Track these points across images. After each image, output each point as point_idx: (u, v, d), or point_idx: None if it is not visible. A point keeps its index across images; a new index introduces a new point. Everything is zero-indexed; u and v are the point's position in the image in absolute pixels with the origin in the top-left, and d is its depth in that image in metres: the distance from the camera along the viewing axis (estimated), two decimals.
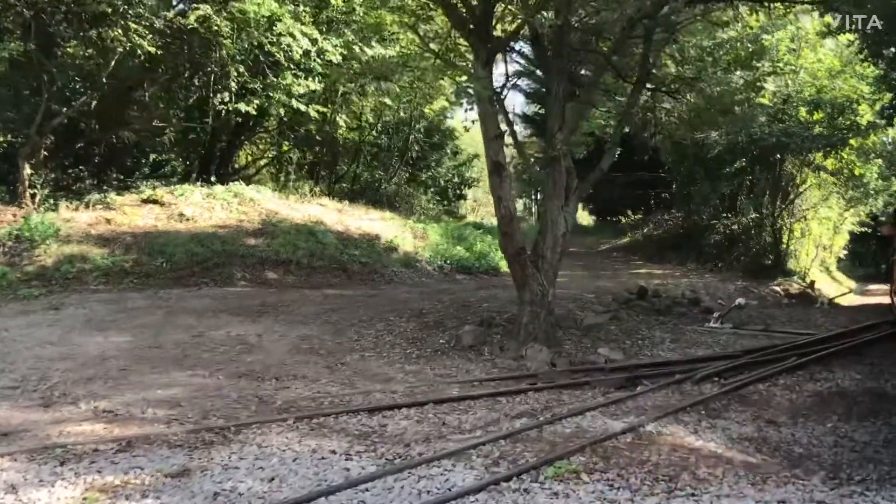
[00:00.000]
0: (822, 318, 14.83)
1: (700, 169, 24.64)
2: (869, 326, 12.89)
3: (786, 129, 20.22)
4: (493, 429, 5.96)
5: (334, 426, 5.90)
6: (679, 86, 12.39)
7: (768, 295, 19.96)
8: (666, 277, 21.23)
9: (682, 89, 12.46)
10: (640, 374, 8.30)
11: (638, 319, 12.79)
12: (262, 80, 15.71)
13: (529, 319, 9.59)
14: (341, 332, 9.81)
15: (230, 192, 16.61)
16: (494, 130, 9.21)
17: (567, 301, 13.56)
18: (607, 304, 13.80)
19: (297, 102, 16.13)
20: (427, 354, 8.87)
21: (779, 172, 22.84)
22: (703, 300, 15.03)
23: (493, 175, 9.29)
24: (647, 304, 14.09)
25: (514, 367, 8.53)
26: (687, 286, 18.47)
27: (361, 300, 12.44)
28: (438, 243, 19.25)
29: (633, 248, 29.64)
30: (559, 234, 9.75)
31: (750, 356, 9.33)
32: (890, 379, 8.46)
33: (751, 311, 15.56)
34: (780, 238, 22.76)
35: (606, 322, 11.96)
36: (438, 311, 11.65)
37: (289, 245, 14.67)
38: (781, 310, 16.97)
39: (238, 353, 8.49)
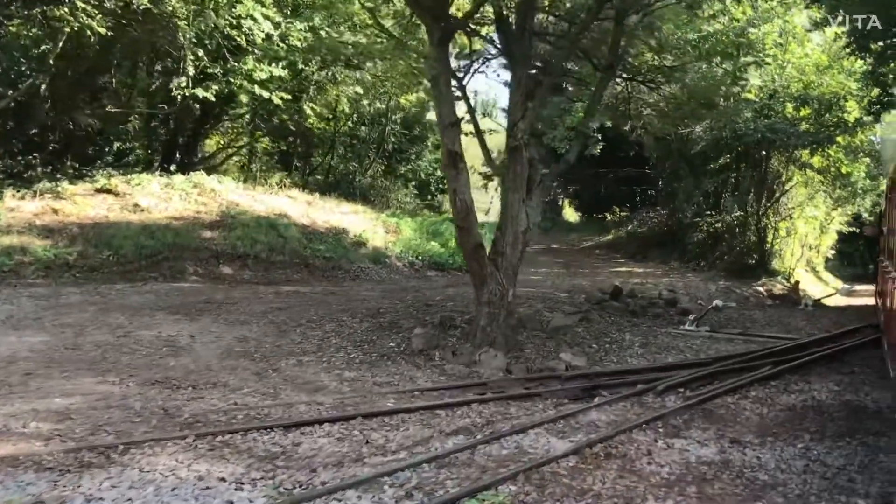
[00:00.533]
0: (803, 321, 14.21)
1: (684, 165, 24.01)
2: (851, 331, 12.26)
3: (771, 124, 19.56)
4: (420, 449, 5.26)
5: (239, 445, 5.19)
6: (656, 76, 11.73)
7: (751, 296, 19.31)
8: (646, 276, 20.59)
9: (659, 79, 11.80)
10: (600, 383, 7.61)
11: (609, 321, 12.12)
12: (222, 66, 14.94)
13: (487, 321, 8.89)
14: (285, 334, 9.09)
15: (190, 183, 15.84)
16: (450, 117, 8.49)
17: (537, 300, 12.89)
18: (579, 304, 13.12)
19: (261, 89, 15.37)
20: (372, 359, 8.16)
21: (764, 170, 22.20)
22: (680, 301, 14.35)
23: (449, 166, 8.58)
24: (620, 305, 13.41)
25: (465, 375, 7.82)
26: (666, 286, 17.81)
27: (318, 298, 11.72)
28: (411, 238, 18.55)
29: (616, 246, 28.99)
30: (520, 230, 9.05)
31: (721, 364, 8.66)
32: (870, 391, 7.80)
33: (730, 313, 14.91)
34: (765, 237, 22.13)
35: (575, 324, 11.27)
36: (397, 310, 10.94)
37: (247, 238, 13.93)
38: (763, 311, 16.34)
39: (162, 357, 7.76)
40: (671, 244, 25.16)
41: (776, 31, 21.61)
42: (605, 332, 11.14)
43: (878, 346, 10.39)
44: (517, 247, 9.09)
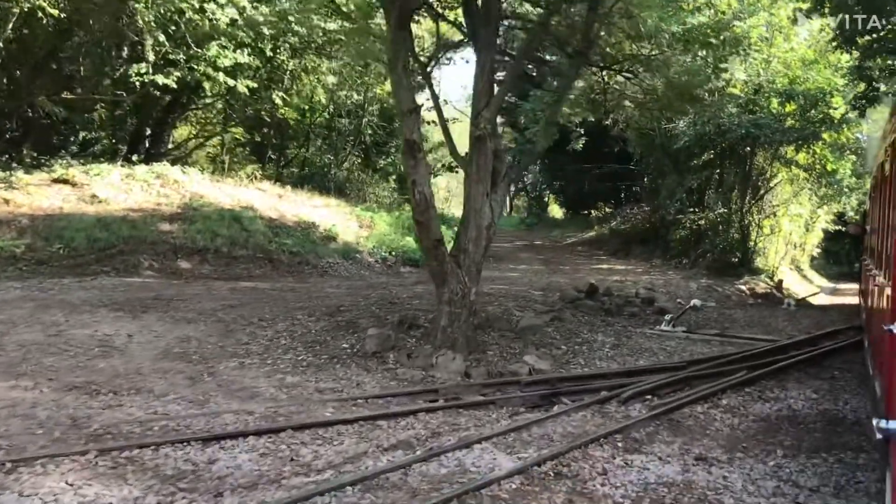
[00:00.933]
0: (785, 322, 13.75)
1: (667, 161, 23.55)
2: (833, 333, 11.81)
3: (756, 120, 19.10)
4: (349, 468, 4.72)
5: (146, 463, 4.64)
6: (634, 65, 11.21)
7: (733, 294, 18.86)
8: (627, 274, 20.12)
9: (636, 69, 11.29)
10: (562, 389, 7.09)
11: (582, 321, 11.61)
12: (185, 52, 14.31)
13: (448, 322, 8.36)
14: (231, 333, 8.52)
15: (153, 173, 15.20)
16: (408, 103, 7.94)
17: (508, 299, 12.38)
18: (552, 303, 12.61)
19: (226, 77, 14.75)
20: (320, 362, 7.60)
21: (749, 166, 21.74)
22: (657, 300, 13.86)
23: (407, 155, 8.03)
24: (595, 304, 12.90)
25: (419, 380, 7.29)
26: (645, 284, 17.34)
27: (276, 294, 11.15)
28: (386, 233, 17.99)
29: (599, 243, 28.53)
30: (483, 226, 8.52)
31: (694, 368, 8.16)
32: (850, 399, 7.31)
33: (710, 313, 14.44)
34: (748, 235, 21.68)
35: (545, 324, 10.75)
36: (359, 308, 10.39)
37: (208, 232, 13.33)
38: (744, 311, 15.89)
39: (90, 358, 7.18)
40: (654, 241, 24.72)
41: (762, 25, 21.20)
42: (576, 332, 10.63)
43: (859, 349, 9.94)
44: (480, 243, 8.56)
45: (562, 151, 32.32)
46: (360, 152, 22.57)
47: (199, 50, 14.13)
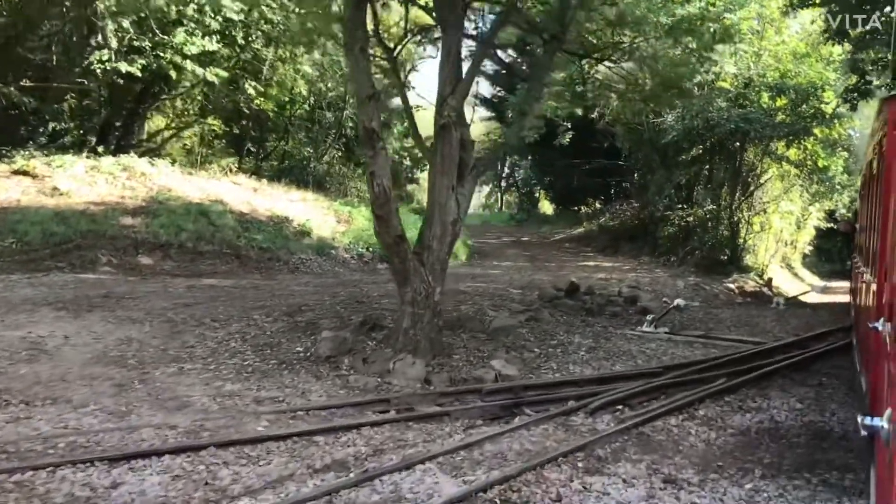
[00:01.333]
0: (773, 322, 13.23)
1: (656, 156, 23.01)
2: (822, 334, 11.30)
3: (745, 114, 18.55)
4: (267, 496, 4.15)
5: (37, 488, 4.07)
6: (615, 54, 10.65)
7: (721, 293, 18.35)
8: (613, 271, 19.60)
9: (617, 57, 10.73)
10: (527, 398, 6.53)
11: (560, 321, 11.07)
12: (150, 38, 13.67)
13: (410, 324, 7.80)
14: (179, 335, 7.94)
15: (119, 165, 14.58)
16: (366, 89, 7.35)
17: (484, 297, 11.83)
18: (530, 302, 12.06)
19: (193, 64, 14.12)
20: (268, 368, 7.03)
21: (738, 162, 21.21)
22: (641, 299, 13.31)
23: (366, 145, 7.45)
24: (575, 303, 12.35)
25: (373, 388, 6.72)
26: (631, 282, 16.82)
27: (237, 292, 10.57)
28: (364, 229, 17.39)
29: (587, 239, 28.02)
30: (448, 221, 7.95)
31: (673, 374, 7.61)
32: (837, 409, 6.77)
33: (695, 313, 13.91)
34: (738, 232, 21.16)
35: (519, 324, 10.21)
36: (323, 307, 9.83)
37: (172, 226, 12.73)
38: (732, 310, 15.36)
39: (14, 363, 6.58)
40: (643, 238, 24.21)
41: (753, 18, 20.66)
42: (552, 333, 10.08)
43: (849, 352, 9.43)
44: (445, 239, 7.99)
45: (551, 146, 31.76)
46: (340, 145, 21.94)
47: (165, 37, 13.51)
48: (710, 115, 18.77)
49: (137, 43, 13.52)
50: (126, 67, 13.37)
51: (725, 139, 20.16)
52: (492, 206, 51.52)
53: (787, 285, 25.12)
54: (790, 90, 19.69)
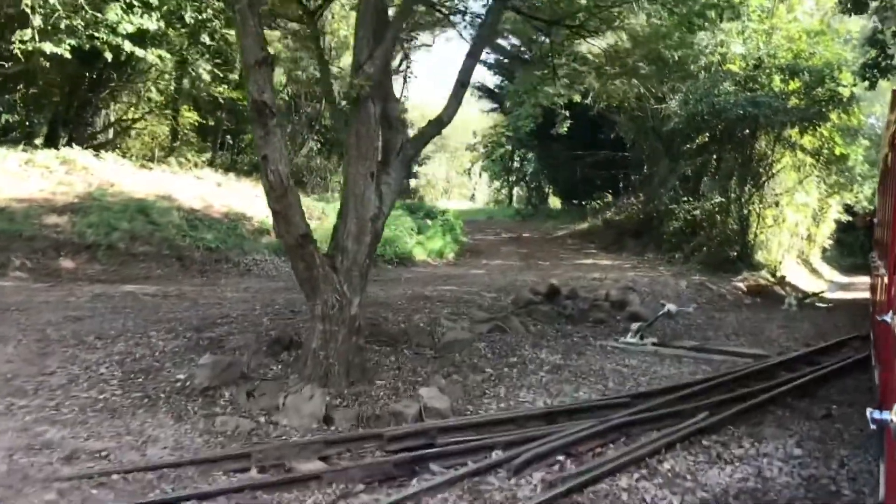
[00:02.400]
0: (781, 329, 11.60)
1: (660, 146, 21.32)
2: (836, 345, 9.68)
3: (754, 98, 16.82)
4: None
5: None
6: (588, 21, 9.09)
7: (728, 293, 16.69)
8: (611, 270, 17.98)
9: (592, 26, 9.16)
10: (442, 446, 5.00)
11: (530, 332, 9.53)
12: (81, 16, 12.23)
13: (320, 344, 6.31)
14: (42, 358, 6.49)
15: (58, 159, 13.20)
16: (256, 53, 5.84)
17: (448, 304, 10.32)
18: (501, 308, 10.53)
19: (133, 45, 12.70)
20: (124, 405, 5.55)
21: (749, 151, 19.45)
22: (631, 303, 11.72)
23: (255, 122, 5.95)
24: (553, 309, 10.80)
25: (247, 432, 5.22)
26: (628, 282, 15.23)
27: (153, 301, 9.14)
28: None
29: (591, 235, 26.31)
30: (367, 217, 6.45)
31: (640, 407, 6.04)
32: (848, 458, 5.18)
33: (694, 318, 12.31)
34: (748, 226, 19.40)
35: (477, 337, 8.69)
36: (247, 319, 8.37)
37: (102, 225, 11.31)
38: (737, 313, 13.75)
39: None
40: (648, 234, 22.51)
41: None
42: (515, 347, 8.55)
43: (867, 368, 7.82)
44: (364, 239, 6.48)
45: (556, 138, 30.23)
46: (320, 137, 20.41)
47: (97, 14, 12.07)
48: (715, 99, 17.06)
49: (67, 21, 12.09)
50: (51, 48, 11.95)
51: (734, 126, 18.44)
52: (502, 202, 49.84)
53: (803, 282, 23.34)
54: (804, 72, 17.94)
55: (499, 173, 49.25)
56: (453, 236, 21.10)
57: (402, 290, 11.47)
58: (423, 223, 19.33)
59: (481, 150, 48.81)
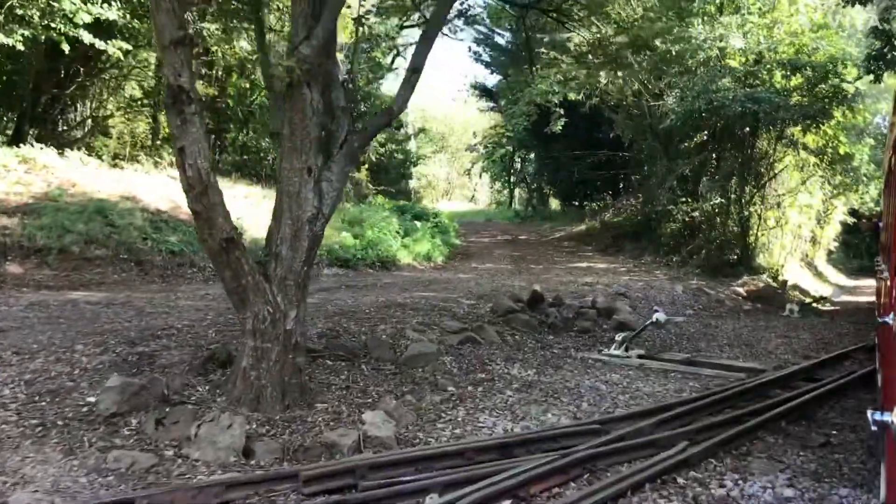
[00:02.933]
0: (780, 339, 10.81)
1: (658, 144, 20.52)
2: (838, 358, 8.88)
3: (753, 94, 16.01)
4: None
5: None
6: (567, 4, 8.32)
7: (727, 298, 15.90)
8: (605, 274, 17.20)
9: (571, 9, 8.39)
10: (366, 489, 4.23)
11: (506, 343, 8.77)
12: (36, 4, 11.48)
13: (252, 362, 5.57)
14: None
15: (17, 157, 12.47)
16: (172, 32, 5.08)
17: (421, 312, 9.54)
18: (478, 317, 9.75)
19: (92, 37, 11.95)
20: (12, 435, 4.80)
21: (750, 150, 18.65)
22: (619, 311, 10.95)
23: (171, 110, 5.19)
24: (534, 318, 10.02)
25: (145, 469, 4.46)
26: (620, 287, 14.45)
27: (94, 310, 8.40)
28: None
29: (589, 237, 25.51)
30: (304, 218, 5.70)
31: (611, 436, 5.25)
32: (849, 497, 4.39)
33: (687, 326, 11.55)
34: (748, 228, 18.61)
35: (446, 350, 7.93)
36: (192, 331, 7.62)
37: (56, 227, 10.56)
38: (735, 321, 12.97)
39: None
40: (647, 236, 21.68)
41: None
42: (485, 362, 7.79)
43: (872, 386, 7.04)
44: (300, 244, 5.72)
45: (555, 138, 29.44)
46: None
47: (54, 3, 11.33)
48: (713, 95, 16.27)
49: (21, 11, 11.35)
50: (3, 39, 11.22)
51: (733, 124, 17.65)
52: (503, 203, 48.99)
53: (807, 285, 22.51)
54: (806, 67, 17.15)
55: (499, 174, 48.51)
56: (444, 239, 20.36)
57: (376, 296, 10.71)
58: (412, 225, 18.57)
59: (481, 151, 48.12)
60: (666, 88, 18.27)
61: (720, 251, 18.49)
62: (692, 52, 17.38)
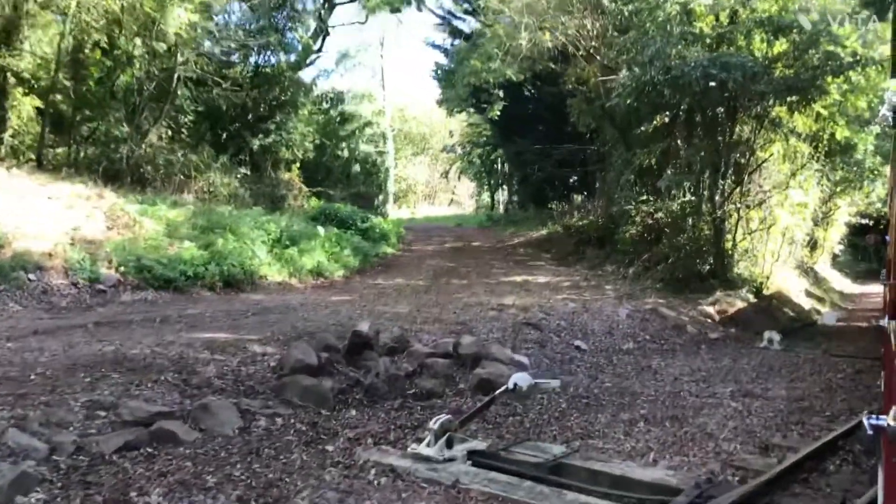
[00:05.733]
0: (734, 403, 6.94)
1: (615, 131, 16.68)
2: (820, 452, 5.08)
3: (717, 57, 12.20)
4: None
5: None
6: None
7: (691, 322, 12.13)
8: (541, 291, 13.45)
9: None
10: None
11: (234, 440, 4.99)
12: None
13: None
14: None
15: None
16: None
17: (136, 373, 5.79)
18: (249, 375, 5.99)
19: None
20: None
21: (726, 135, 14.76)
22: (489, 358, 7.13)
23: None
24: (341, 377, 6.25)
25: None
26: (543, 310, 10.73)
27: None
28: (151, 238, 11.60)
29: (549, 243, 21.72)
30: None
31: None
32: None
33: (604, 379, 7.77)
34: (723, 231, 14.71)
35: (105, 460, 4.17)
36: None
37: None
38: (688, 361, 9.28)
39: None
40: (612, 242, 17.86)
41: None
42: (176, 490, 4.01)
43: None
44: None
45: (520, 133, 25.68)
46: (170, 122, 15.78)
47: None
48: (670, 62, 12.46)
49: None
50: None
51: (702, 101, 13.80)
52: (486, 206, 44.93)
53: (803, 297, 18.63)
54: (792, 28, 13.31)
55: (477, 175, 44.80)
56: (364, 249, 16.72)
57: (121, 340, 6.97)
58: (310, 232, 14.89)
59: (458, 152, 44.35)
60: (619, 61, 14.46)
61: (689, 260, 14.61)
62: (650, 11, 13.62)
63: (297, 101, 20.67)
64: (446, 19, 27.81)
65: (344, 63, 46.08)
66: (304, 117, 21.41)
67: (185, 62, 14.80)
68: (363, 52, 51.02)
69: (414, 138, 53.88)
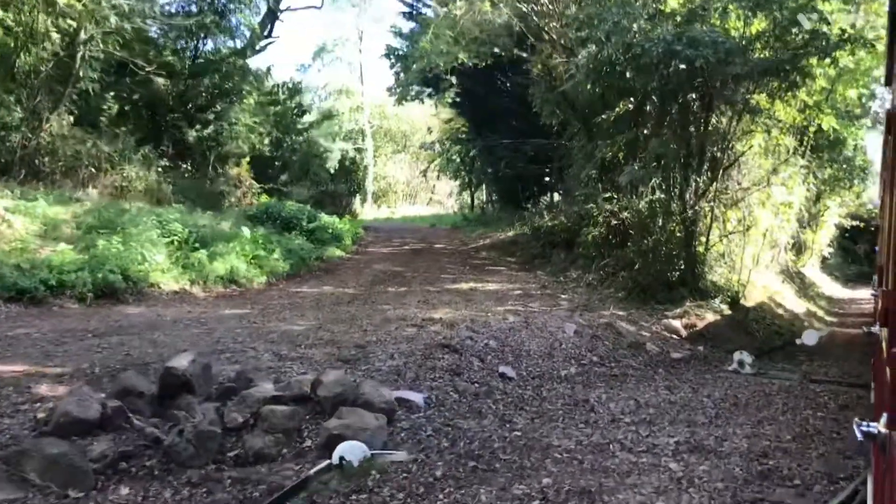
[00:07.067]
0: (673, 464, 5.19)
1: (575, 120, 14.91)
2: None
3: (682, 33, 10.46)
4: None
5: None
6: None
7: (652, 339, 10.39)
8: (484, 301, 11.70)
9: None
10: None
11: None
12: None
13: None
14: None
15: None
16: None
17: None
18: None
19: None
20: None
21: (699, 126, 13.02)
22: (357, 401, 5.34)
23: None
24: (128, 439, 4.47)
25: None
26: (474, 326, 8.99)
27: None
28: (23, 240, 9.85)
29: (514, 246, 19.95)
30: None
31: None
32: None
33: (510, 427, 6.04)
34: (695, 232, 12.95)
35: None
36: None
37: None
38: (637, 391, 7.62)
39: None
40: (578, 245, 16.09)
41: None
42: None
43: None
44: None
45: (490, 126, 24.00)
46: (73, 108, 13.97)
47: None
48: (631, 40, 10.71)
49: None
50: None
51: (673, 88, 12.05)
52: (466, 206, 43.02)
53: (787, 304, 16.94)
54: (772, 4, 11.59)
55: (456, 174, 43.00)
56: (296, 253, 14.99)
57: None
58: (221, 233, 13.13)
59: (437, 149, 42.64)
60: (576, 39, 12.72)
61: (656, 266, 12.85)
62: None
63: (242, 89, 18.86)
64: (414, 7, 26.08)
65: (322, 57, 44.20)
66: (250, 107, 19.60)
67: (89, 39, 12.98)
68: (341, 46, 49.27)
69: (394, 136, 52.23)
